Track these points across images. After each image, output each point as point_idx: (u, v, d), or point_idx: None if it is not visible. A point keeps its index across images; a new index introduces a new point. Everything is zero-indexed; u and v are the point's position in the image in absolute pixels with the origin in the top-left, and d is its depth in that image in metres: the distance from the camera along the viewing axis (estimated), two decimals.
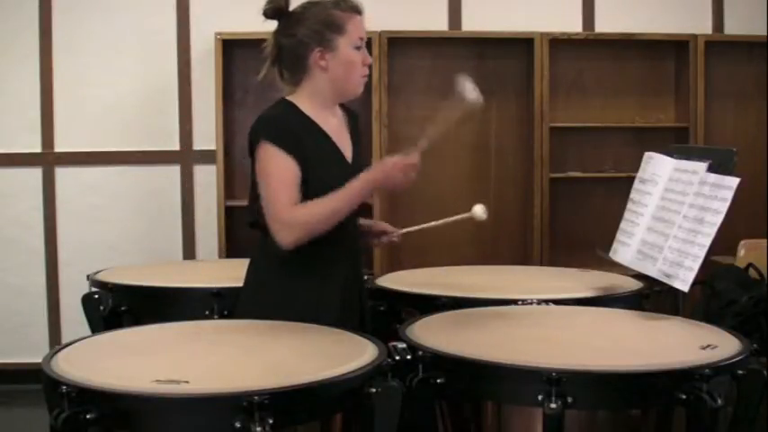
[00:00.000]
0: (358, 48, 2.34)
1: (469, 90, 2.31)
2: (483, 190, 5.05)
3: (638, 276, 2.67)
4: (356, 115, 2.53)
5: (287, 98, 2.37)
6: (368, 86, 4.70)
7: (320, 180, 2.26)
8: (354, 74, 2.36)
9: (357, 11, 2.35)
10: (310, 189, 2.25)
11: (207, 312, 2.63)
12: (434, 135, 2.35)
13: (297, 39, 2.32)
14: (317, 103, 2.36)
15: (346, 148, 2.41)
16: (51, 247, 4.93)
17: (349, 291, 2.39)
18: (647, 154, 2.66)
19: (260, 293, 2.36)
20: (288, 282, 2.32)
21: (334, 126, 2.40)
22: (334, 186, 2.23)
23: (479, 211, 2.54)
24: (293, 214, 2.21)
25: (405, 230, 2.62)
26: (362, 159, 2.50)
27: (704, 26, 5.12)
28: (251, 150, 2.30)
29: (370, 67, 2.39)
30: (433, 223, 2.62)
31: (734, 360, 1.85)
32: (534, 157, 4.87)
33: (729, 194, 2.24)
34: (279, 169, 2.23)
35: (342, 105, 2.47)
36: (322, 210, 2.22)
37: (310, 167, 2.26)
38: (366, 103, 4.76)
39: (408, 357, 1.90)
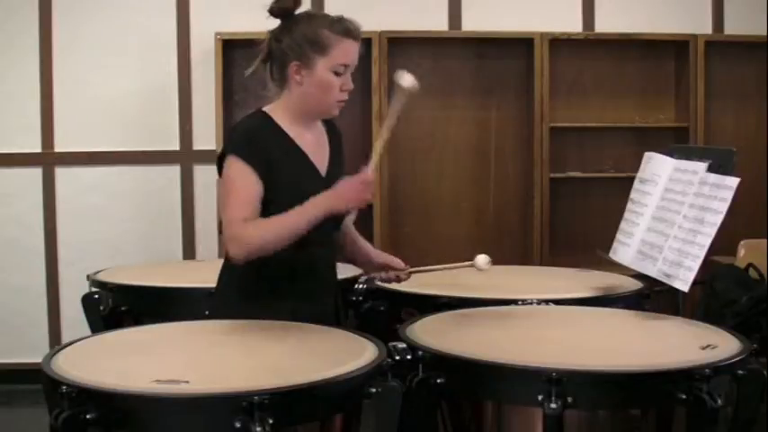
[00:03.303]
0: (338, 73, 2.27)
1: (405, 79, 2.23)
2: (483, 190, 5.06)
3: (638, 276, 2.67)
4: (339, 133, 2.47)
5: (264, 109, 2.34)
6: (368, 86, 4.76)
7: (289, 195, 2.22)
8: (328, 97, 2.29)
9: (351, 35, 2.27)
10: (279, 204, 2.21)
11: (207, 312, 2.63)
12: (385, 137, 2.28)
13: (281, 47, 2.29)
14: (292, 116, 2.32)
15: (321, 165, 2.37)
16: (51, 246, 4.93)
17: (318, 305, 2.36)
18: (647, 154, 2.66)
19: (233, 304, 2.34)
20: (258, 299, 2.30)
21: (310, 141, 2.35)
22: (304, 201, 2.20)
23: (482, 262, 2.41)
24: (245, 230, 2.17)
25: (412, 270, 2.48)
26: (339, 176, 2.37)
27: (704, 26, 5.12)
28: (220, 161, 2.27)
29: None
30: (439, 267, 2.48)
31: (734, 360, 1.85)
32: (534, 157, 4.87)
33: (729, 194, 2.24)
34: (241, 184, 2.21)
35: (326, 122, 2.43)
36: (273, 229, 2.18)
37: (279, 183, 2.24)
38: (366, 103, 4.77)
39: (408, 357, 1.90)
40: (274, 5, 2.29)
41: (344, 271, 2.79)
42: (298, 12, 2.31)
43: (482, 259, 2.39)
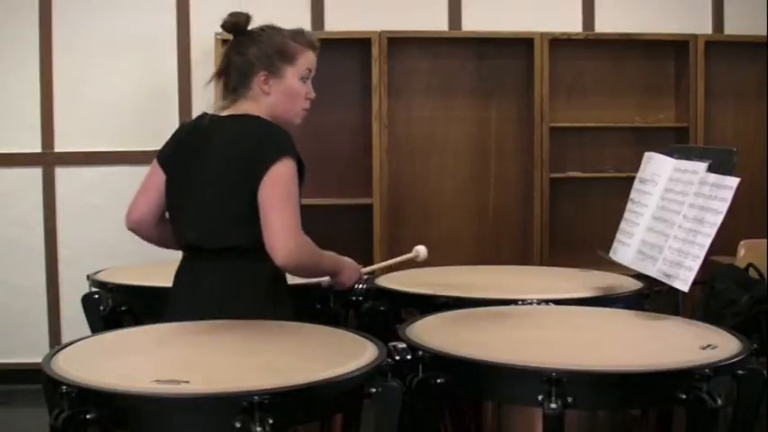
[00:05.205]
0: (304, 79, 2.38)
1: (422, 255, 2.79)
2: (483, 190, 5.06)
3: (638, 276, 2.67)
4: None
5: (258, 115, 2.33)
6: (368, 87, 4.76)
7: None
8: (295, 104, 2.38)
9: (312, 47, 2.39)
10: None
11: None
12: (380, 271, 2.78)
13: (246, 58, 2.34)
14: None
15: None
16: (51, 247, 4.93)
17: None
18: (647, 154, 2.66)
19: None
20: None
21: None
22: None
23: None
24: (306, 243, 2.24)
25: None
26: None
27: (704, 26, 5.12)
28: (262, 165, 2.21)
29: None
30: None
31: (734, 360, 1.84)
32: (534, 157, 4.87)
33: (729, 194, 2.24)
34: (296, 190, 2.24)
35: None
36: (321, 259, 2.34)
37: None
38: (366, 103, 4.77)
39: (408, 357, 1.90)
40: (227, 21, 2.35)
41: None
42: (250, 27, 2.37)
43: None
